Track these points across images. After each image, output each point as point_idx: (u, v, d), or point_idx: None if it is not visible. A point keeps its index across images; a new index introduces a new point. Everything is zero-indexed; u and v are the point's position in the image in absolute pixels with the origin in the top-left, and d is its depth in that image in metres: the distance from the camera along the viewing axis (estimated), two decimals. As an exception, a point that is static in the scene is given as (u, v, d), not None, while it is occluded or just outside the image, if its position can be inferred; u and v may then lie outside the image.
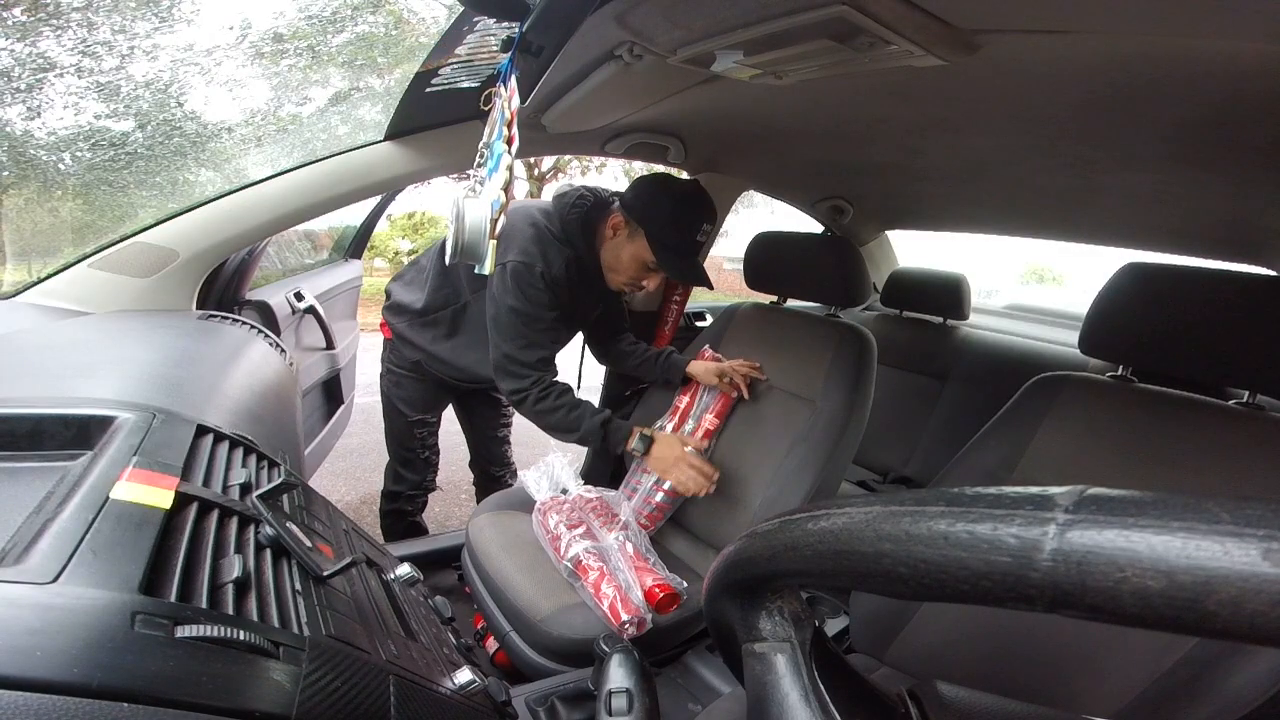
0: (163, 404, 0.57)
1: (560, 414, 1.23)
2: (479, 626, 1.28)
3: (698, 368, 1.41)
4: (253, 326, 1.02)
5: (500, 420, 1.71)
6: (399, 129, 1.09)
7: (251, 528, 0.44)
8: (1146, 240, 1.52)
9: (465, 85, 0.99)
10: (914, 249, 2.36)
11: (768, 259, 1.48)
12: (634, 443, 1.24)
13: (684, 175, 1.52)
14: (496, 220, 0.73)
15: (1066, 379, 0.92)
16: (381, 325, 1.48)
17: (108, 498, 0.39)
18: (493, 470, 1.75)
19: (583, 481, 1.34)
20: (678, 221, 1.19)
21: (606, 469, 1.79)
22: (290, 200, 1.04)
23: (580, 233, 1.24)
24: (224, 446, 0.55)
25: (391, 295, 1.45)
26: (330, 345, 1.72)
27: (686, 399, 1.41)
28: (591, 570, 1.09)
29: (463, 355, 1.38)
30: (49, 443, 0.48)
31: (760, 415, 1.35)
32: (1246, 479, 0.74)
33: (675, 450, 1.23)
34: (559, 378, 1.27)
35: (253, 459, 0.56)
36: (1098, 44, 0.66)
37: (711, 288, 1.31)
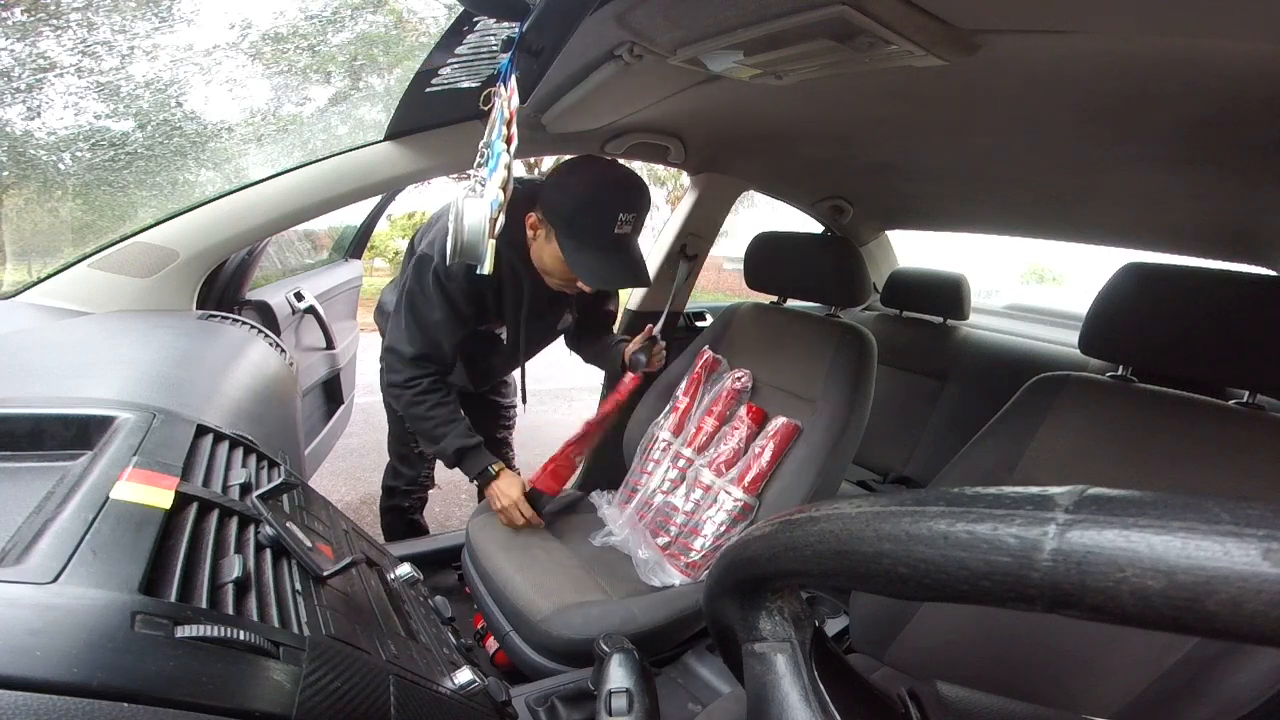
0: (163, 404, 0.57)
1: (429, 424, 1.22)
2: (479, 626, 1.28)
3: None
4: (253, 326, 1.02)
5: (501, 422, 1.71)
6: (399, 129, 1.09)
7: (251, 528, 0.44)
8: (1146, 240, 1.51)
9: (465, 85, 0.98)
10: (914, 249, 2.36)
11: (768, 259, 1.48)
12: (477, 474, 1.26)
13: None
14: (496, 220, 0.73)
15: (1066, 379, 0.92)
16: None
17: (108, 498, 0.39)
18: None
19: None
20: (585, 213, 1.02)
21: (607, 470, 1.79)
22: (290, 200, 1.04)
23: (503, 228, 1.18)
24: (224, 446, 0.55)
25: (380, 296, 1.46)
26: (330, 345, 1.72)
27: (686, 400, 1.41)
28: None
29: None
30: (49, 443, 0.48)
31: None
32: (1247, 479, 0.74)
33: (514, 492, 1.27)
34: (438, 382, 1.24)
35: (253, 459, 0.56)
36: (1098, 44, 0.66)
37: (649, 284, 1.23)
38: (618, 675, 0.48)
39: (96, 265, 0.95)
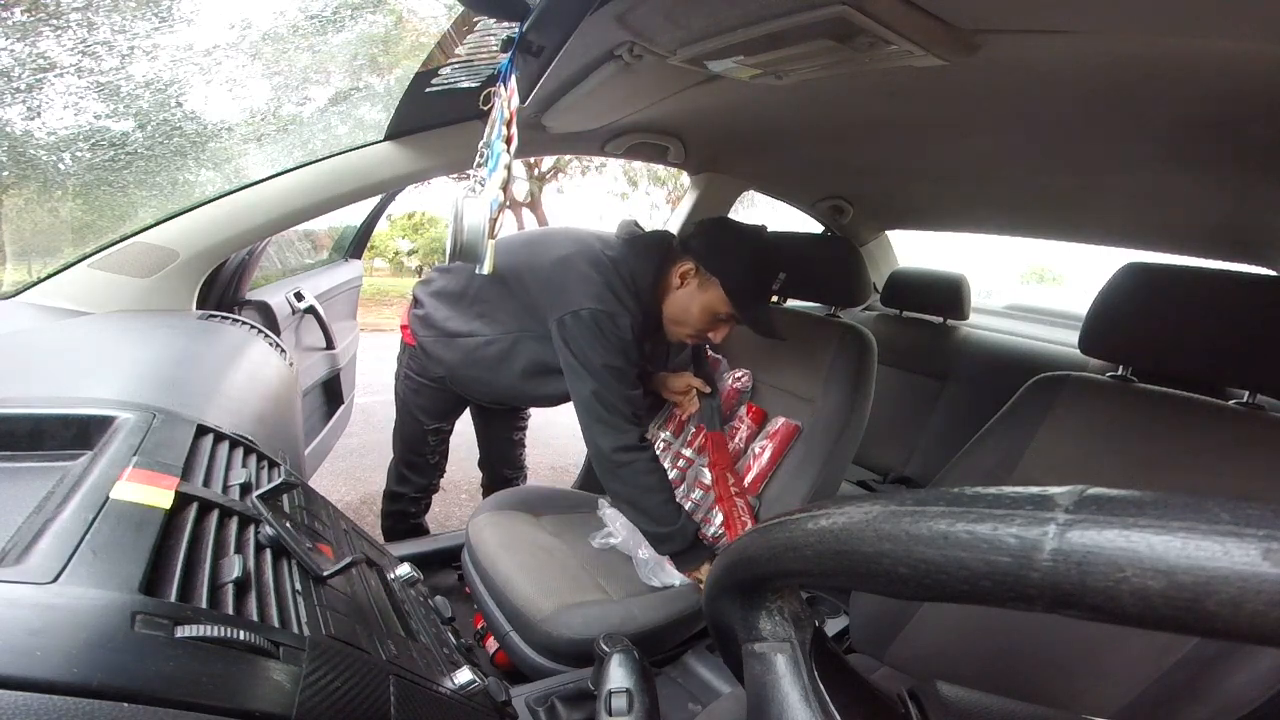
0: (163, 404, 0.57)
1: (660, 498, 1.13)
2: (479, 626, 1.28)
3: (658, 381, 1.40)
4: (253, 326, 1.02)
5: (517, 423, 1.69)
6: (399, 129, 1.09)
7: (251, 528, 0.44)
8: (1146, 240, 1.52)
9: (465, 85, 0.98)
10: (914, 249, 2.36)
11: (768, 259, 1.48)
12: (705, 569, 1.15)
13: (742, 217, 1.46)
14: (495, 220, 0.73)
15: (1066, 379, 0.92)
16: (403, 329, 1.42)
17: (108, 498, 0.39)
18: (505, 471, 1.72)
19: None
20: (757, 271, 1.14)
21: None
22: (290, 200, 1.04)
23: (653, 283, 1.18)
24: (224, 446, 0.55)
25: (423, 305, 1.36)
26: (330, 345, 1.72)
27: (681, 412, 1.41)
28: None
29: (501, 384, 1.32)
30: (49, 443, 0.48)
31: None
32: (1246, 479, 0.74)
33: None
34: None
35: (253, 459, 0.56)
36: (1098, 44, 0.66)
37: (784, 339, 1.23)
38: (618, 675, 0.48)
39: (96, 265, 0.95)
